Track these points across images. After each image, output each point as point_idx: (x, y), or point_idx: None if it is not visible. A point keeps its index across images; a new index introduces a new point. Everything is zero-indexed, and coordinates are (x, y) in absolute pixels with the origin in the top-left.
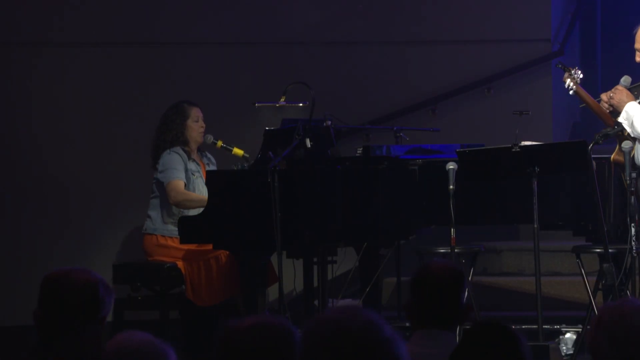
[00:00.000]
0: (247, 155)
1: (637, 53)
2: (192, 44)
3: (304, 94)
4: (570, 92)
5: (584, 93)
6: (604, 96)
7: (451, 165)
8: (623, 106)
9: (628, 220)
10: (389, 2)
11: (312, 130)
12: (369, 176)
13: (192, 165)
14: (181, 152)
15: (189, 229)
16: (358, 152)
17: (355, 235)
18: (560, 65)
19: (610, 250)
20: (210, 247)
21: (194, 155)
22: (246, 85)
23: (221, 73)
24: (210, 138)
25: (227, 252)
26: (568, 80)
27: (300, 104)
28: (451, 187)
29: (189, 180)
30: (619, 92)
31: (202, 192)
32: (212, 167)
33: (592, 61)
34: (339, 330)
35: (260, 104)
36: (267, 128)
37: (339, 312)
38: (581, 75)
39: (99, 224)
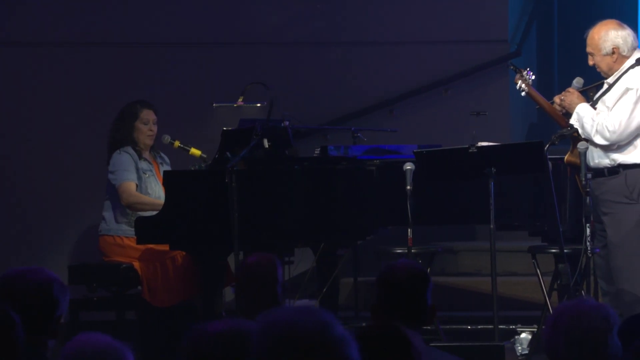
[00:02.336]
0: (204, 156)
1: (589, 57)
2: (150, 44)
3: (262, 95)
4: (522, 94)
5: (536, 94)
6: (556, 99)
7: (408, 166)
8: (574, 108)
9: (583, 220)
10: (347, 4)
11: (270, 131)
12: (327, 176)
13: (143, 165)
14: (131, 151)
15: (145, 229)
16: (316, 152)
17: (313, 235)
18: (512, 67)
19: (565, 251)
20: (166, 247)
21: (146, 155)
22: (204, 85)
23: (179, 73)
24: (167, 138)
25: (184, 253)
26: (519, 82)
27: (258, 104)
28: (408, 187)
29: (140, 179)
30: (570, 94)
31: (154, 190)
32: (166, 167)
33: (549, 62)
34: (289, 329)
35: (217, 104)
36: (224, 128)
37: (290, 311)
38: (533, 77)
39: (54, 225)
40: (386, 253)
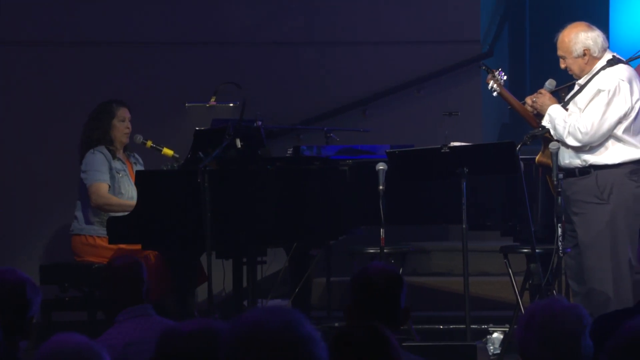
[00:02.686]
0: (177, 156)
1: (561, 60)
2: (122, 44)
3: (235, 95)
4: (494, 94)
5: (508, 95)
6: (528, 100)
7: (381, 166)
8: (546, 109)
9: (555, 220)
10: (320, 4)
11: (242, 131)
12: (300, 176)
13: (117, 164)
14: (105, 151)
15: (118, 229)
16: (289, 152)
17: (285, 235)
18: (483, 67)
19: (537, 251)
20: (139, 247)
21: (120, 154)
22: (177, 85)
23: (152, 73)
24: (139, 138)
25: (156, 252)
26: (491, 82)
27: (231, 104)
28: (381, 187)
29: (113, 179)
30: (542, 96)
31: (127, 190)
32: (140, 167)
33: (521, 62)
34: (256, 329)
35: (190, 104)
36: (197, 128)
37: (259, 312)
38: (505, 77)
39: (24, 225)
40: (359, 253)
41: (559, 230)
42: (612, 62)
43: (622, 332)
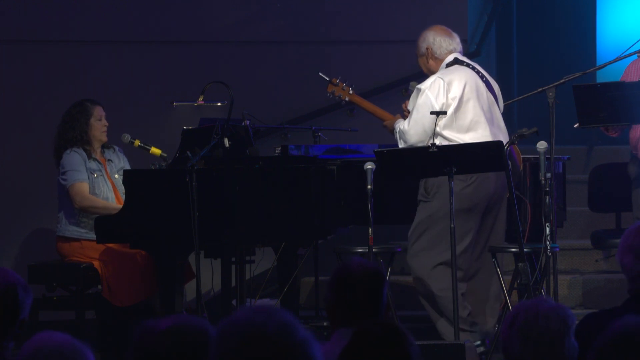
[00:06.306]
0: (164, 155)
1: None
2: (109, 43)
3: (223, 94)
4: (344, 102)
5: (360, 100)
6: (403, 105)
7: (369, 165)
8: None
9: (543, 219)
10: (308, 2)
11: (230, 130)
12: (288, 176)
13: (92, 165)
14: (81, 151)
15: (106, 228)
16: (276, 151)
17: (273, 234)
18: (323, 76)
19: (525, 250)
20: (127, 246)
21: (95, 154)
22: (164, 84)
23: (139, 72)
24: (127, 137)
25: (144, 252)
26: (333, 90)
27: (219, 104)
28: (369, 186)
29: (88, 179)
30: (388, 126)
31: (102, 191)
32: (117, 162)
33: (508, 61)
34: (253, 332)
35: (178, 103)
36: (185, 127)
37: (252, 313)
38: (347, 83)
39: (11, 224)
40: (346, 252)
41: (547, 229)
42: (450, 64)
43: (610, 331)
